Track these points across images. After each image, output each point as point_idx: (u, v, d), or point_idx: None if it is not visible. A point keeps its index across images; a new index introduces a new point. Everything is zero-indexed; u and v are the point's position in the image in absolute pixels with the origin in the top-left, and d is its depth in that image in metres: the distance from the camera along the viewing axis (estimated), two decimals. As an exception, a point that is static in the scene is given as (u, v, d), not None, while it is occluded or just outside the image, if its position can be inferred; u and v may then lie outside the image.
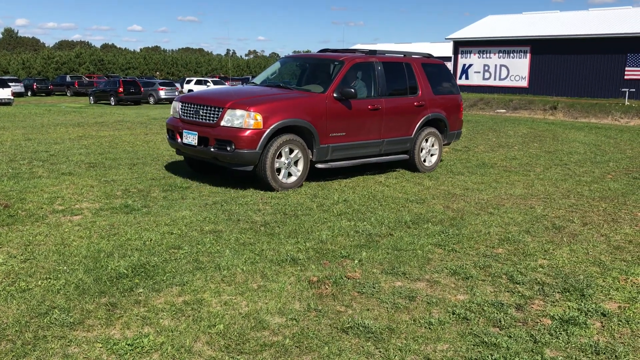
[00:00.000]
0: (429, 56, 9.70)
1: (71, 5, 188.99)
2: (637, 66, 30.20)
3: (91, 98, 32.68)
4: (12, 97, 28.30)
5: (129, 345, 3.17)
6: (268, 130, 6.98)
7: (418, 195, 7.32)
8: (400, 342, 3.32)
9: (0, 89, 27.12)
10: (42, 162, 8.91)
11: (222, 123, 7.08)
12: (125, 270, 4.22)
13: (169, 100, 33.66)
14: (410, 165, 9.10)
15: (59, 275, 4.12)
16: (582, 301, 3.98)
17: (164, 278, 4.14)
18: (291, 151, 7.34)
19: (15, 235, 5.07)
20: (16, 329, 3.32)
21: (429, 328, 3.51)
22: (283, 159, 7.26)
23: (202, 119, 7.35)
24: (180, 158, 9.35)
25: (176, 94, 33.74)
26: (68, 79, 46.40)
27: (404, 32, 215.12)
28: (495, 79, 35.71)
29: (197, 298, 3.83)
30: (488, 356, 3.17)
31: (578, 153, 11.85)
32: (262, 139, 6.95)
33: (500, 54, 35.30)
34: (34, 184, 7.23)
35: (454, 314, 3.72)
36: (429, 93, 9.07)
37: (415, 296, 3.99)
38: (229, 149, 6.96)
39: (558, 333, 3.49)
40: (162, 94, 34.27)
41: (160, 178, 7.83)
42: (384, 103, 8.32)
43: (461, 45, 37.11)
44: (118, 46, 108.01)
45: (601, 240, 5.53)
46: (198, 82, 42.71)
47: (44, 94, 43.74)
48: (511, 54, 34.79)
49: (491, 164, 10.13)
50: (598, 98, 30.11)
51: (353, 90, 7.64)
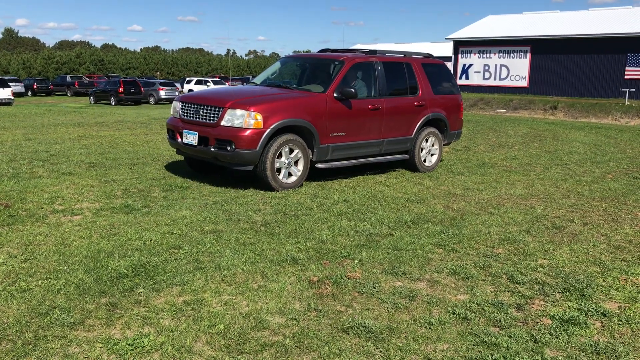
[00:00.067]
0: (429, 56, 9.70)
1: (71, 5, 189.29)
2: (637, 66, 30.20)
3: (91, 98, 32.70)
4: (13, 97, 28.31)
5: (129, 345, 3.18)
6: (268, 130, 6.99)
7: (418, 195, 7.32)
8: (401, 342, 3.32)
9: (1, 89, 27.12)
10: (43, 162, 8.92)
11: (223, 123, 7.09)
12: (125, 270, 4.22)
13: (169, 100, 33.67)
14: (411, 165, 9.11)
15: (60, 275, 4.12)
16: (583, 301, 3.98)
17: (165, 278, 4.14)
18: (291, 151, 7.34)
19: (15, 235, 5.08)
20: (17, 328, 3.32)
21: (429, 328, 3.51)
22: (283, 159, 7.27)
23: (203, 118, 7.35)
24: (180, 158, 9.35)
25: (176, 94, 33.73)
26: (68, 79, 46.46)
27: (404, 32, 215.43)
28: (495, 79, 35.71)
29: (198, 298, 3.83)
30: (488, 356, 3.18)
31: (578, 153, 11.85)
32: (263, 139, 6.95)
33: (500, 54, 35.31)
34: (34, 184, 7.23)
35: (454, 313, 3.72)
36: (429, 93, 9.07)
37: (415, 296, 3.99)
38: (229, 148, 6.97)
39: (558, 333, 3.49)
40: (163, 94, 34.28)
41: (161, 178, 7.84)
42: (384, 103, 8.32)
43: (461, 45, 37.13)
44: (118, 46, 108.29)
45: (601, 240, 5.53)
46: (198, 82, 42.71)
47: (44, 94, 43.76)
48: (511, 54, 34.80)
49: (491, 163, 10.14)
50: (598, 98, 30.12)
51: (353, 90, 7.64)
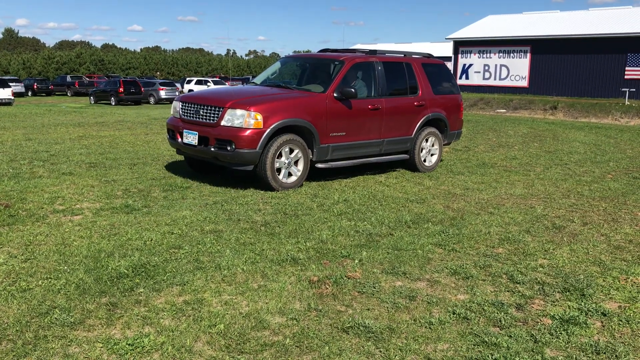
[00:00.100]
0: (429, 56, 9.70)
1: (71, 5, 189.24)
2: (637, 66, 30.19)
3: (92, 98, 32.71)
4: (13, 97, 28.32)
5: (129, 345, 3.18)
6: (268, 130, 6.99)
7: (418, 195, 7.32)
8: (401, 342, 3.33)
9: (1, 89, 27.13)
10: (43, 162, 8.92)
11: (223, 123, 7.09)
12: (125, 270, 4.22)
13: (170, 100, 33.68)
14: (411, 165, 9.11)
15: (60, 275, 4.12)
16: (583, 301, 3.98)
17: (165, 278, 4.14)
18: (291, 151, 7.34)
19: (15, 235, 5.08)
20: (17, 328, 3.32)
21: (430, 328, 3.52)
22: (283, 159, 7.27)
23: (203, 118, 7.35)
24: (180, 158, 9.35)
25: (176, 94, 33.73)
26: (68, 79, 46.47)
27: (404, 32, 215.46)
28: (495, 79, 35.71)
29: (198, 298, 3.83)
30: (488, 356, 3.18)
31: (578, 153, 11.85)
32: (263, 139, 6.96)
33: (500, 54, 35.31)
34: (34, 183, 7.23)
35: (454, 313, 3.72)
36: (429, 93, 9.07)
37: (415, 296, 3.99)
38: (229, 148, 6.97)
39: (558, 333, 3.49)
40: (163, 94, 34.29)
41: (161, 178, 7.84)
42: (384, 103, 8.32)
43: (461, 45, 37.12)
44: (118, 46, 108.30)
45: (601, 240, 5.53)
46: (198, 82, 42.72)
47: (44, 94, 43.77)
48: (511, 54, 34.80)
49: (491, 163, 10.14)
50: (598, 98, 30.11)
51: (353, 90, 7.64)
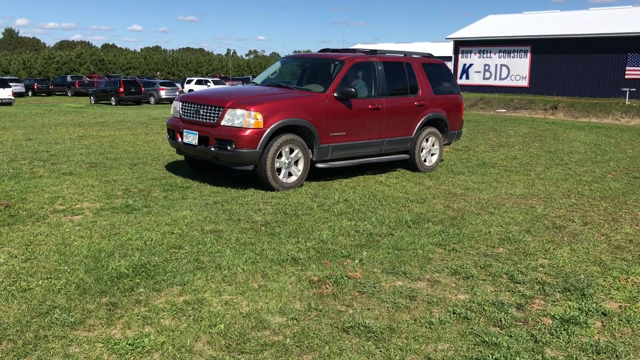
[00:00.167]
0: (430, 56, 9.70)
1: (71, 5, 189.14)
2: (638, 66, 30.17)
3: (92, 98, 32.71)
4: (13, 97, 28.33)
5: (129, 345, 3.18)
6: (268, 130, 6.99)
7: (418, 194, 7.32)
8: (401, 342, 3.32)
9: (1, 89, 27.13)
10: (43, 162, 8.92)
11: (223, 122, 7.09)
12: (126, 270, 4.22)
13: (170, 100, 33.68)
14: (411, 165, 9.11)
15: (60, 275, 4.12)
16: (583, 301, 3.98)
17: (165, 278, 4.14)
18: (291, 151, 7.34)
19: (16, 235, 5.08)
20: (17, 328, 3.32)
21: (430, 327, 3.51)
22: (283, 159, 7.27)
23: (203, 118, 7.35)
24: (180, 158, 9.35)
25: (177, 93, 33.75)
26: (69, 79, 46.46)
27: (404, 32, 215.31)
28: (495, 79, 35.69)
29: (198, 298, 3.83)
30: (489, 356, 3.17)
31: (578, 152, 11.85)
32: (263, 139, 6.95)
33: (500, 54, 35.29)
34: (34, 183, 7.23)
35: (454, 313, 3.72)
36: (429, 93, 9.07)
37: (415, 296, 3.99)
38: (229, 148, 6.97)
39: (559, 332, 3.49)
40: (163, 93, 34.30)
41: (161, 178, 7.84)
42: (385, 103, 8.32)
43: (461, 45, 37.10)
44: (118, 46, 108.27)
45: (602, 239, 5.53)
46: (199, 82, 42.72)
47: (44, 94, 43.77)
48: (511, 54, 34.78)
49: (492, 163, 10.13)
50: (598, 98, 30.09)
51: (353, 89, 7.64)
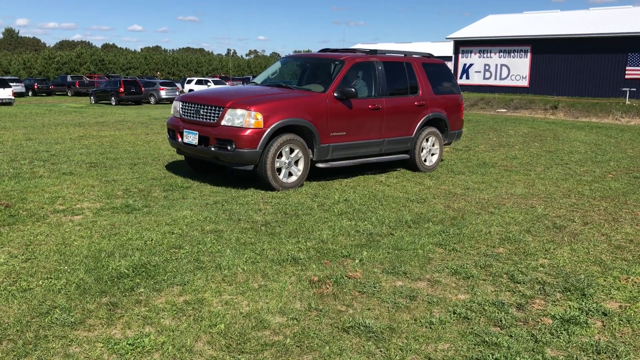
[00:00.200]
0: (430, 56, 9.70)
1: (71, 5, 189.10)
2: (638, 66, 30.16)
3: (92, 98, 32.72)
4: (13, 97, 28.34)
5: (130, 345, 3.18)
6: (269, 130, 6.98)
7: (419, 194, 7.32)
8: (401, 342, 3.32)
9: (1, 89, 27.14)
10: (43, 162, 8.92)
11: (223, 122, 7.09)
12: (126, 270, 4.22)
13: (170, 100, 33.68)
14: (411, 164, 9.10)
15: (60, 275, 4.12)
16: (583, 300, 3.98)
17: (165, 278, 4.14)
18: (292, 151, 7.34)
19: (16, 235, 5.08)
20: (17, 328, 3.32)
21: (430, 327, 3.51)
22: (284, 159, 7.27)
23: (203, 118, 7.35)
24: (181, 158, 9.35)
25: (177, 93, 33.75)
26: (69, 79, 46.47)
27: (404, 32, 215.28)
28: (495, 79, 35.67)
29: (198, 298, 3.83)
30: (489, 355, 3.17)
31: (579, 152, 11.84)
32: (263, 139, 6.95)
33: (500, 54, 35.28)
34: (35, 183, 7.23)
35: (454, 313, 3.71)
36: (429, 93, 9.07)
37: (416, 296, 3.99)
38: (229, 148, 6.97)
39: (559, 332, 3.49)
40: (163, 93, 34.30)
41: (161, 178, 7.84)
42: (385, 102, 8.32)
43: (462, 45, 37.09)
44: (119, 46, 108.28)
45: (602, 239, 5.53)
46: (199, 82, 42.72)
47: (44, 94, 43.78)
48: (512, 54, 34.76)
49: (492, 163, 10.13)
50: (599, 97, 30.08)
51: (354, 89, 7.64)
